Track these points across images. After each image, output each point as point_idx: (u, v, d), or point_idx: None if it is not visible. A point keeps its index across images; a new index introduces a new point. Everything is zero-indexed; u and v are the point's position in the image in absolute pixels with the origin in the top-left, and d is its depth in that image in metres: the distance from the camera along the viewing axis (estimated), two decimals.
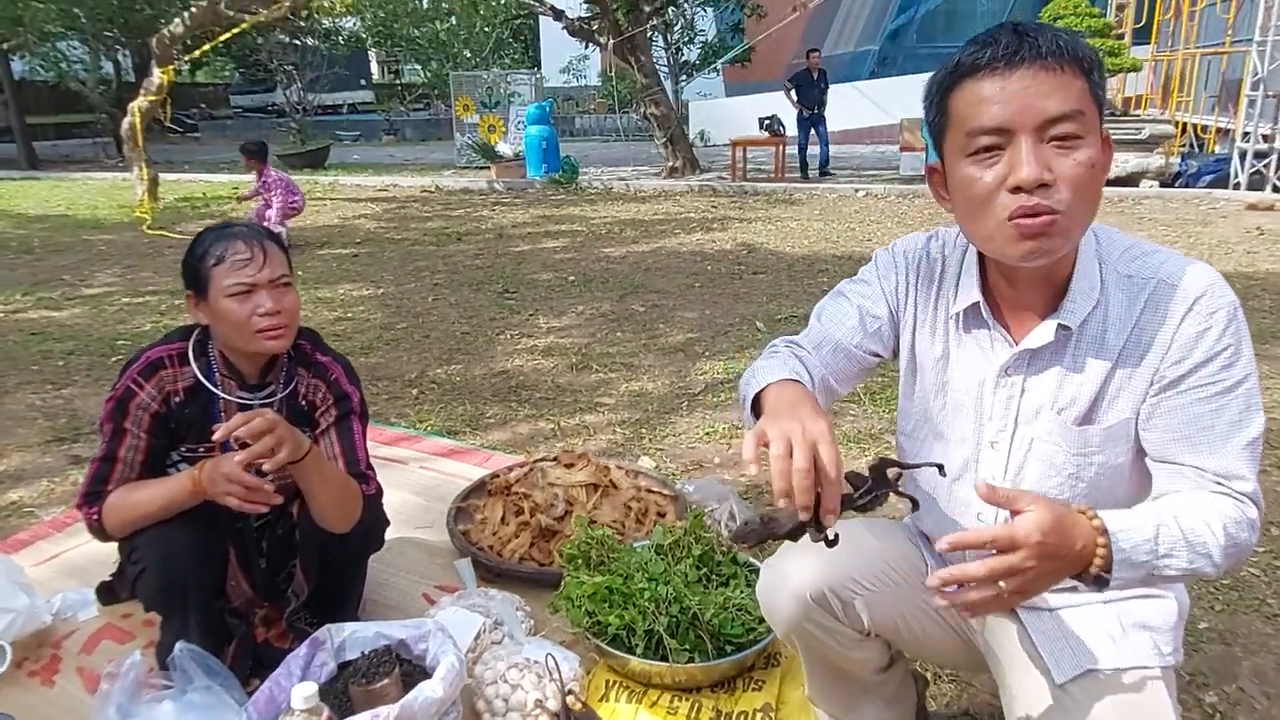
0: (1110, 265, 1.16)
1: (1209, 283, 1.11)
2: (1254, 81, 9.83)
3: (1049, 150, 1.03)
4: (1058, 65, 1.02)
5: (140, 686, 1.71)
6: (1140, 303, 1.13)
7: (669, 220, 8.81)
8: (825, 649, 1.38)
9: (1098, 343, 1.16)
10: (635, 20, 13.13)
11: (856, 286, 1.37)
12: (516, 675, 1.77)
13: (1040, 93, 1.02)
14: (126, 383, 1.76)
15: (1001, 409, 1.24)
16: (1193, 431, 1.11)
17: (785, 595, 1.34)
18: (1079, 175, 1.04)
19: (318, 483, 1.72)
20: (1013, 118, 1.03)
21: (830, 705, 1.53)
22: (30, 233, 8.67)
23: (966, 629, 1.41)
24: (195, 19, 9.38)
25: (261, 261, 1.72)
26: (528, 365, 4.15)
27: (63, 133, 22.99)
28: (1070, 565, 0.99)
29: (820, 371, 1.34)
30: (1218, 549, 1.05)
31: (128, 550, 1.79)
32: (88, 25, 17.01)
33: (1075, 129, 1.03)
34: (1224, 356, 1.09)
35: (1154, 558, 1.02)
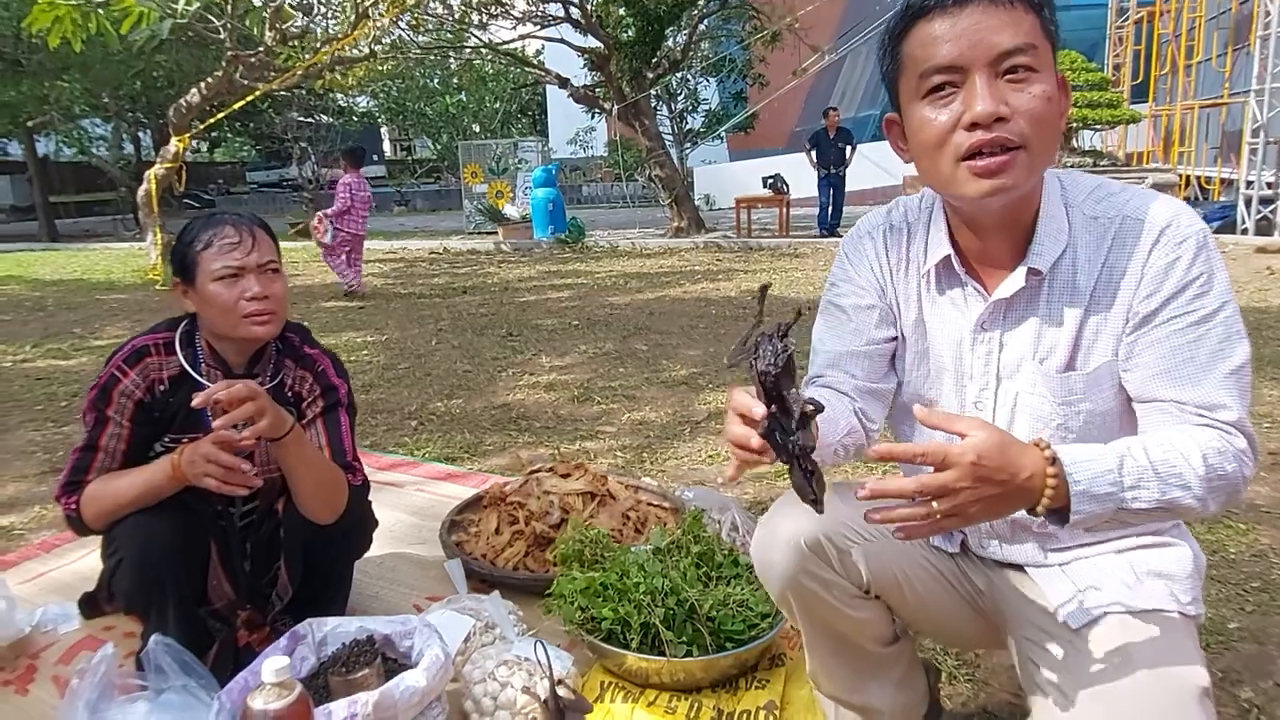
0: (1076, 208, 1.13)
1: (1174, 213, 1.08)
2: (1254, 129, 9.93)
3: (1003, 85, 1.02)
4: (1006, 1, 1.02)
5: (113, 682, 1.63)
6: (1108, 241, 1.10)
7: (674, 273, 8.86)
8: (824, 609, 1.30)
9: (1069, 287, 1.13)
10: (638, 86, 13.46)
11: (837, 289, 1.34)
12: (506, 673, 1.69)
13: (991, 27, 1.01)
14: (111, 370, 1.73)
15: (981, 366, 1.20)
16: (1172, 365, 1.07)
17: (780, 544, 1.27)
18: (1036, 107, 1.02)
19: (300, 464, 1.67)
20: (965, 53, 1.02)
21: (833, 684, 1.43)
22: (45, 294, 8.80)
23: (971, 589, 1.34)
24: (211, 88, 9.66)
25: (250, 245, 1.71)
26: (529, 398, 4.11)
27: (84, 210, 23.61)
28: (1018, 495, 0.95)
29: (852, 383, 1.31)
30: (1196, 479, 0.99)
31: (106, 544, 1.73)
32: (111, 104, 17.58)
33: (1029, 61, 1.02)
34: (1196, 285, 1.06)
35: (1119, 489, 0.97)
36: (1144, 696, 1.01)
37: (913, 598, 1.33)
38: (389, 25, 11.73)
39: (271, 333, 1.75)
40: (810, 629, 1.36)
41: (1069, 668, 1.09)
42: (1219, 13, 12.24)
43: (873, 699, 1.42)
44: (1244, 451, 1.04)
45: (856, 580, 1.28)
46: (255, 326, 1.71)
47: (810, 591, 1.28)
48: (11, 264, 12.27)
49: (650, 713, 1.67)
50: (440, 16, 13.64)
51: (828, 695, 1.47)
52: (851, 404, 1.28)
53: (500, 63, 22.57)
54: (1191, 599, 1.16)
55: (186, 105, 9.80)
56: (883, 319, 1.30)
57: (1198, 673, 1.03)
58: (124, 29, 7.94)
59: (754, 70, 20.39)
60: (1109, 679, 1.04)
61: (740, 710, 1.68)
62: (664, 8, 12.77)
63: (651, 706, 1.69)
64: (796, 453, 0.99)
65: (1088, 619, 1.12)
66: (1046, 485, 0.95)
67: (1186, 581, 1.17)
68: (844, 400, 1.28)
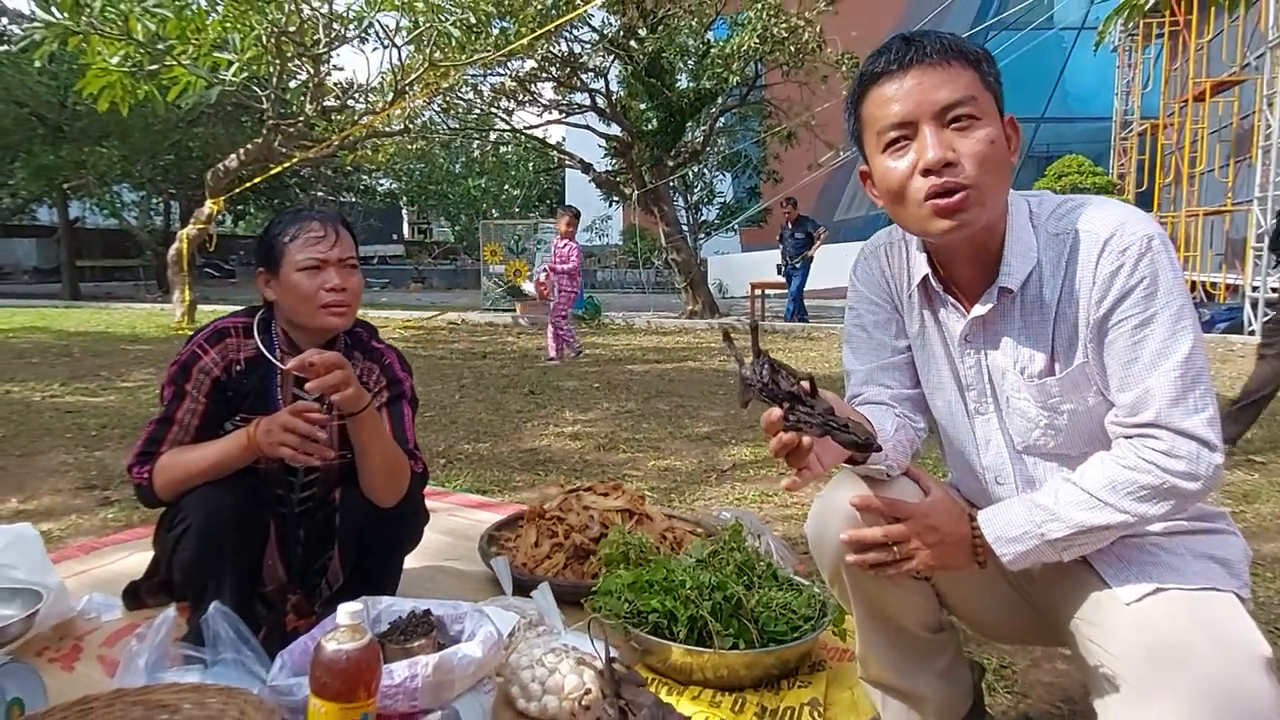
0: (1041, 227, 1.23)
1: (1119, 222, 1.16)
2: (1258, 235, 10.18)
3: (950, 133, 1.14)
4: (944, 61, 1.15)
5: (168, 650, 1.66)
6: (1065, 254, 1.19)
7: (690, 348, 8.99)
8: (875, 588, 1.35)
9: (1037, 301, 1.22)
10: (658, 174, 13.90)
11: (855, 311, 1.45)
12: (554, 659, 1.71)
13: (932, 85, 1.14)
14: (193, 348, 1.82)
15: (974, 376, 1.30)
16: (1120, 366, 1.15)
17: (837, 515, 1.33)
18: (980, 150, 1.14)
19: (373, 441, 1.74)
20: (912, 110, 1.15)
21: (881, 668, 1.45)
22: (70, 343, 8.94)
23: (1023, 577, 1.38)
24: (249, 155, 10.03)
25: (334, 240, 1.81)
26: (555, 445, 4.17)
27: (107, 274, 24.07)
28: (959, 546, 1.21)
29: (888, 393, 1.41)
30: (1103, 499, 1.13)
31: (170, 515, 1.78)
32: (145, 173, 18.17)
33: (970, 111, 1.14)
34: (1140, 289, 1.12)
35: (1034, 527, 1.17)
36: (1209, 665, 1.03)
37: (962, 580, 1.37)
38: (423, 105, 12.24)
39: (345, 324, 1.84)
40: (860, 608, 1.40)
41: (1130, 641, 1.12)
42: (1220, 126, 12.71)
43: (919, 685, 1.45)
44: (1165, 453, 1.10)
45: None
46: (331, 317, 1.80)
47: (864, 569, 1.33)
48: (36, 317, 12.48)
49: (695, 705, 1.68)
50: (470, 102, 14.23)
51: (875, 680, 1.50)
52: (892, 410, 1.38)
53: (523, 149, 23.36)
54: (1243, 583, 1.19)
55: (224, 169, 10.15)
56: (900, 329, 1.42)
57: (1260, 642, 1.06)
58: (171, 96, 8.33)
59: (768, 167, 21.05)
60: (1172, 651, 1.07)
61: (784, 707, 1.69)
62: (685, 101, 13.30)
63: (696, 700, 1.70)
64: (823, 420, 1.07)
65: (1144, 593, 1.15)
66: (975, 539, 1.21)
67: (1238, 566, 1.21)
68: (884, 409, 1.37)
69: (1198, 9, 12.21)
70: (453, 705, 1.50)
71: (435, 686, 1.47)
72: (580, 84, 13.80)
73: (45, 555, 2.03)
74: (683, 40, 12.64)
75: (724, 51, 12.15)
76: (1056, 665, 1.90)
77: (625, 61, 13.07)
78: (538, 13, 10.75)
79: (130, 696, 1.50)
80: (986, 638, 1.64)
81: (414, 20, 8.41)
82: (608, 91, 13.70)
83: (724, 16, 13.13)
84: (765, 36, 11.74)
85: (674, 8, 12.61)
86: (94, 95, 8.09)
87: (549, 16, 10.59)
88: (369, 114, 10.25)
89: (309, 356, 1.58)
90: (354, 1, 8.32)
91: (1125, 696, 1.09)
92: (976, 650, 1.91)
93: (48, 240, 24.23)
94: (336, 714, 1.29)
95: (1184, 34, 12.76)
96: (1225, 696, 1.01)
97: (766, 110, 15.48)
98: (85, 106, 13.59)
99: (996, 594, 1.41)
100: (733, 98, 14.71)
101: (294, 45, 8.40)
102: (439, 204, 28.52)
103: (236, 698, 1.46)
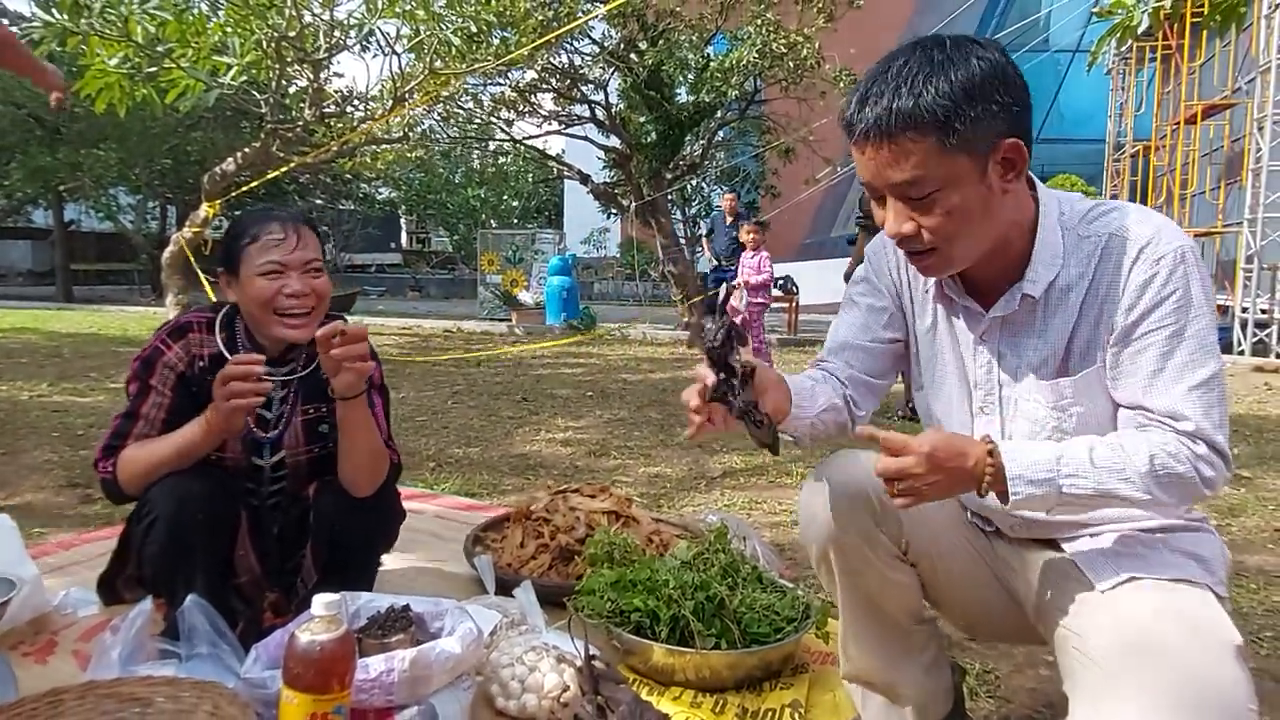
0: (1071, 231, 1.21)
1: (1155, 230, 1.15)
2: (1248, 257, 10.23)
3: (911, 205, 1.13)
4: (889, 141, 1.09)
5: (143, 642, 1.64)
6: (1095, 258, 1.19)
7: (685, 359, 8.98)
8: (863, 566, 1.34)
9: (1061, 302, 1.21)
10: (657, 186, 13.92)
11: (857, 286, 1.47)
12: (534, 658, 1.69)
13: (882, 163, 1.12)
14: (155, 343, 1.81)
15: (984, 375, 1.30)
16: (1145, 375, 1.15)
17: (826, 493, 1.33)
18: (939, 223, 1.13)
19: (360, 427, 1.73)
20: (872, 181, 1.15)
21: (864, 658, 1.44)
22: (60, 344, 8.90)
23: (1005, 569, 1.38)
24: (247, 159, 10.01)
25: (294, 244, 1.75)
26: (546, 450, 4.15)
27: (102, 278, 24.00)
28: (964, 478, 1.12)
29: (847, 371, 1.43)
30: (1138, 474, 1.09)
31: (137, 510, 1.75)
32: (142, 176, 18.14)
33: (924, 190, 1.11)
34: (1173, 300, 1.12)
35: (1056, 475, 1.10)
36: (1181, 652, 1.04)
37: (946, 569, 1.38)
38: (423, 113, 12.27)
39: (304, 337, 1.77)
40: (846, 591, 1.39)
41: (1104, 629, 1.12)
42: (1211, 149, 12.79)
43: (901, 679, 1.44)
44: (1202, 456, 1.11)
45: (896, 538, 1.34)
46: (288, 329, 1.77)
47: (851, 545, 1.33)
48: (27, 318, 12.43)
49: (676, 706, 1.67)
50: (470, 111, 14.26)
51: (857, 675, 1.48)
52: (841, 389, 1.40)
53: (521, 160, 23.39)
54: (1219, 580, 1.20)
55: (221, 173, 10.13)
56: (891, 321, 1.43)
57: (1231, 631, 1.07)
58: (169, 98, 8.33)
59: (766, 181, 21.12)
60: (1144, 636, 1.07)
61: (765, 708, 1.68)
62: (684, 114, 13.34)
63: (677, 701, 1.69)
64: (744, 408, 1.19)
65: (1120, 582, 1.16)
66: (986, 470, 1.12)
67: (1214, 564, 1.22)
68: (832, 383, 1.40)
69: (1190, 34, 12.31)
70: (429, 701, 1.48)
71: (412, 681, 1.45)
72: (580, 95, 13.84)
73: (22, 546, 2.01)
74: (682, 54, 12.69)
75: (723, 66, 12.19)
76: (1039, 671, 1.89)
77: (625, 74, 13.12)
78: (539, 24, 10.80)
79: (102, 689, 1.48)
80: (967, 633, 1.63)
81: (415, 28, 8.42)
82: (607, 103, 13.73)
83: (724, 31, 13.19)
84: (764, 52, 11.80)
85: (674, 22, 12.68)
86: (92, 96, 8.08)
87: (550, 28, 10.63)
88: (368, 120, 10.26)
89: (337, 327, 1.60)
90: (355, 8, 8.34)
91: (1097, 681, 1.08)
92: (959, 655, 1.90)
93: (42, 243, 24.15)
94: (309, 706, 1.27)
95: (1176, 58, 12.86)
96: (1196, 681, 1.01)
97: (765, 125, 15.54)
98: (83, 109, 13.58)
99: (980, 584, 1.41)
100: (732, 112, 14.76)
101: (294, 51, 8.41)
102: (438, 213, 28.54)
103: (210, 691, 1.44)
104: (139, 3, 7.49)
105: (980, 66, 1.08)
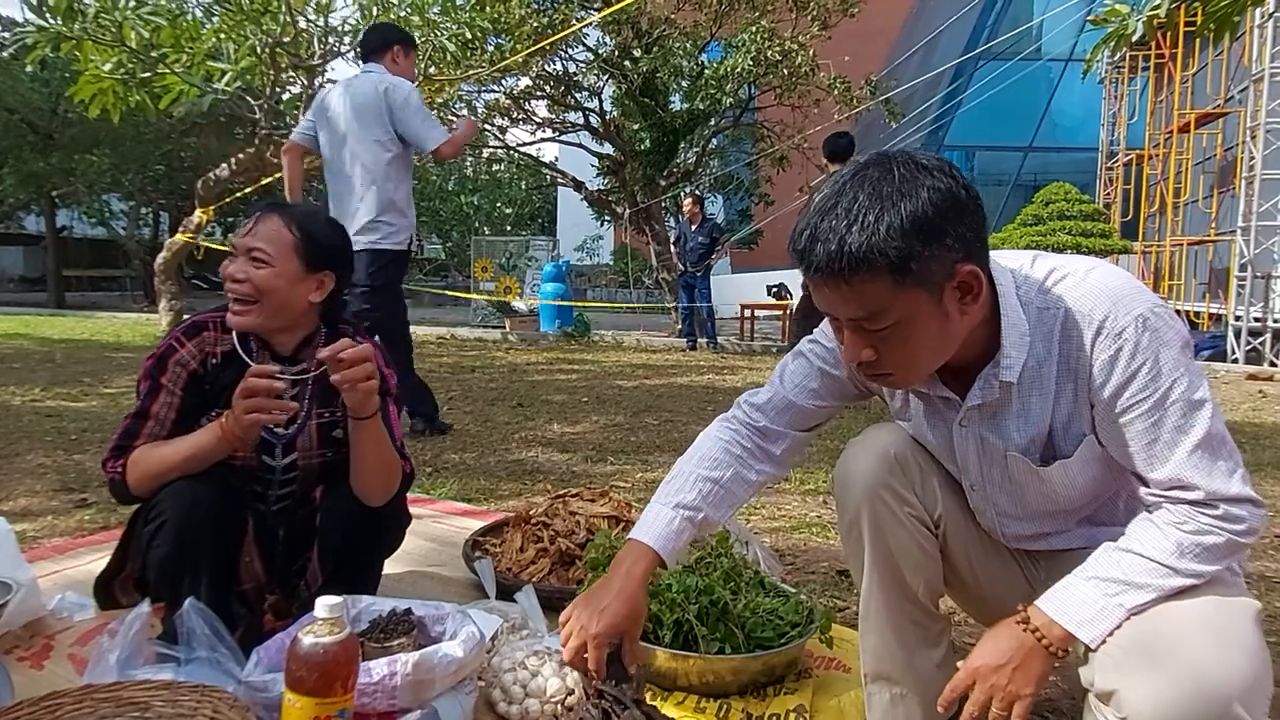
0: (1031, 305, 1.18)
1: (1110, 304, 1.11)
2: (1241, 265, 10.30)
3: (868, 335, 1.11)
4: (843, 281, 1.06)
5: (141, 647, 1.62)
6: (1057, 333, 1.16)
7: (679, 365, 8.98)
8: (894, 527, 1.34)
9: (1034, 381, 1.19)
10: (650, 193, 13.95)
11: (815, 348, 1.43)
12: (536, 662, 1.69)
13: (837, 299, 1.09)
14: (169, 341, 1.79)
15: (974, 456, 1.30)
16: (1138, 449, 1.13)
17: (867, 454, 1.35)
18: (897, 353, 1.11)
19: (372, 443, 1.71)
20: (829, 312, 1.16)
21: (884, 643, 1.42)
22: (53, 349, 8.85)
23: (1025, 560, 1.40)
24: (241, 165, 10.00)
25: (247, 229, 1.75)
26: (542, 456, 4.14)
27: (94, 284, 23.91)
28: (1033, 657, 1.11)
29: (780, 430, 1.44)
30: (1175, 568, 1.09)
31: (145, 511, 1.74)
32: (135, 182, 18.10)
33: (881, 323, 1.08)
34: (1144, 373, 1.09)
35: (1109, 600, 1.09)
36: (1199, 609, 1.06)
37: (973, 547, 1.40)
38: None
39: (243, 324, 1.75)
40: (874, 557, 1.38)
41: None
42: (1205, 158, 12.88)
43: (913, 669, 1.43)
44: (1221, 516, 1.09)
45: (930, 507, 1.36)
46: (229, 314, 1.76)
47: (885, 507, 1.34)
48: (19, 324, 12.36)
49: (679, 711, 1.66)
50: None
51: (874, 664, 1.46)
52: (757, 445, 1.45)
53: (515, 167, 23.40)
54: (1236, 571, 1.20)
55: (215, 179, 10.11)
56: (841, 389, 1.41)
57: (1249, 600, 1.09)
58: (163, 104, 8.30)
59: (760, 189, 21.18)
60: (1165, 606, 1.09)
61: (770, 714, 1.66)
62: (679, 122, 13.38)
63: (680, 706, 1.67)
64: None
65: None
66: (1040, 639, 1.12)
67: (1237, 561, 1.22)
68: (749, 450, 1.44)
69: (1183, 42, 12.41)
70: (432, 705, 1.46)
71: (415, 685, 1.44)
72: (574, 102, 13.88)
73: (18, 550, 1.99)
74: (677, 61, 12.72)
75: (718, 73, 12.24)
76: None
77: (619, 81, 13.16)
78: (533, 30, 10.82)
79: (100, 693, 1.46)
80: (982, 620, 1.62)
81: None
82: (601, 110, 13.78)
83: (718, 39, 13.24)
84: (759, 59, 11.85)
85: (669, 29, 12.72)
86: (85, 102, 8.06)
87: (544, 34, 10.65)
88: None
89: (340, 349, 1.58)
90: (349, 14, 8.34)
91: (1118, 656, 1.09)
92: None
93: (34, 249, 24.07)
94: (312, 709, 1.26)
95: (1169, 67, 12.95)
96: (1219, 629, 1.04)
97: (759, 133, 15.59)
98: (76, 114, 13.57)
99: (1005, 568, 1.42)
100: (726, 120, 14.82)
101: (288, 56, 8.40)
102: (430, 220, 28.50)
103: (210, 695, 1.43)
104: (133, 8, 7.47)
105: (931, 199, 1.04)
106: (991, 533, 1.38)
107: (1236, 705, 0.98)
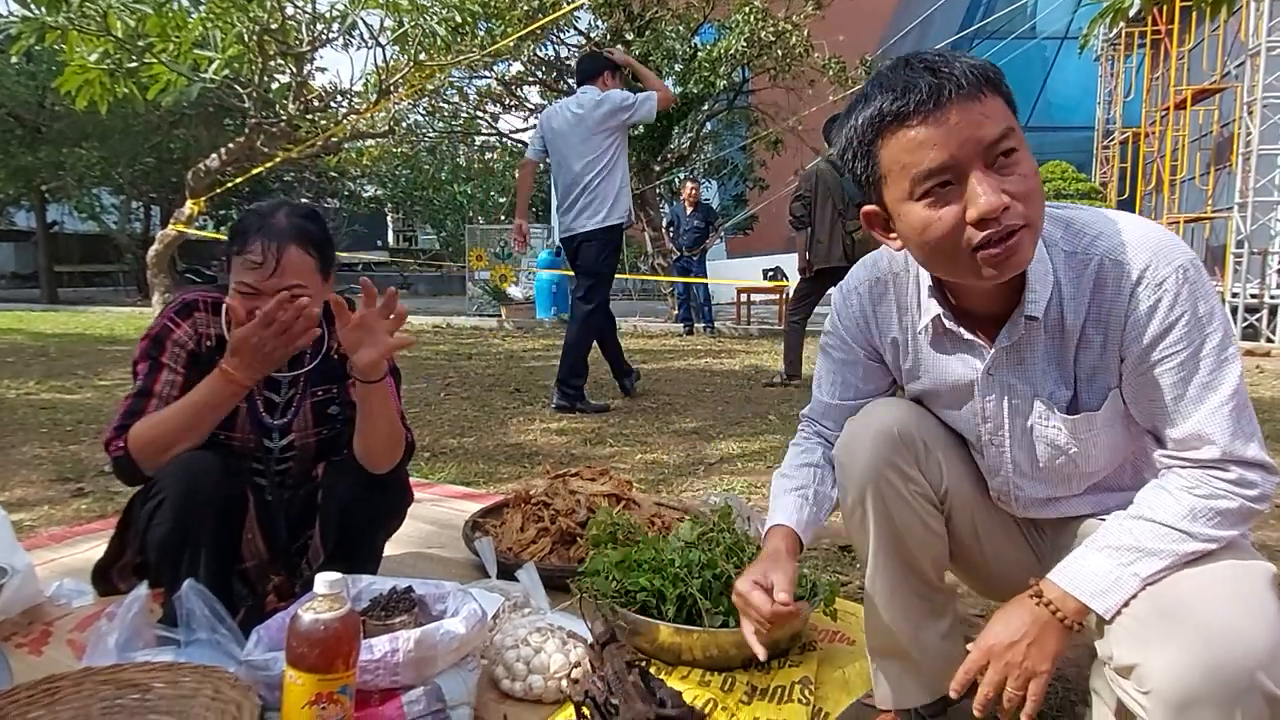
0: (1055, 246, 1.16)
1: (1151, 253, 1.10)
2: (1238, 241, 10.28)
3: (996, 175, 1.04)
4: (979, 94, 1.03)
5: (140, 630, 1.61)
6: (1089, 281, 1.14)
7: (676, 350, 8.97)
8: (899, 505, 1.33)
9: (1058, 327, 1.18)
10: (645, 178, 13.89)
11: (829, 338, 1.44)
12: (539, 639, 1.67)
13: (973, 123, 1.02)
14: (163, 321, 1.76)
15: (995, 408, 1.27)
16: (1165, 402, 1.12)
17: (871, 432, 1.33)
18: (1026, 186, 1.05)
19: (380, 407, 1.70)
20: (955, 154, 1.03)
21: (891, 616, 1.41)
22: (47, 343, 8.80)
23: (1030, 529, 1.38)
24: (231, 154, 9.95)
25: (270, 270, 1.64)
26: (541, 440, 4.12)
27: (87, 279, 23.78)
28: (1048, 632, 1.10)
29: (829, 436, 1.48)
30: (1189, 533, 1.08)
31: (144, 490, 1.71)
32: (125, 175, 17.97)
33: (1012, 143, 1.04)
34: (1182, 324, 1.08)
35: (1123, 569, 1.09)
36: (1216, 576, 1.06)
37: (980, 520, 1.38)
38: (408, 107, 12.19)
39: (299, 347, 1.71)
40: (879, 535, 1.36)
41: None
42: (1201, 134, 12.84)
43: (921, 640, 1.42)
44: (1235, 480, 1.09)
45: (935, 483, 1.34)
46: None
47: (890, 485, 1.32)
48: (13, 320, 12.30)
49: (684, 685, 1.64)
50: (456, 106, 14.20)
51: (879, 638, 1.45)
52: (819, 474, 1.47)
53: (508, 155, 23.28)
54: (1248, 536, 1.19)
55: (205, 169, 10.06)
56: (868, 374, 1.42)
57: (1265, 564, 1.08)
58: (151, 94, 8.23)
59: (754, 174, 21.11)
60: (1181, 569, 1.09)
61: (774, 686, 1.65)
62: (673, 107, 13.30)
63: (685, 680, 1.66)
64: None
65: None
66: (1054, 612, 1.11)
67: None
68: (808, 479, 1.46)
69: (1179, 18, 12.35)
70: (435, 681, 1.45)
71: (417, 662, 1.42)
72: (567, 88, 13.78)
73: (13, 536, 1.97)
74: (670, 44, 12.64)
75: (711, 56, 12.16)
76: None
77: None
78: (524, 14, 10.73)
79: (99, 675, 1.45)
80: (988, 595, 1.61)
81: (398, 20, 8.36)
82: None
83: (711, 21, 13.15)
84: (752, 41, 11.78)
85: (661, 11, 12.63)
86: (72, 93, 7.97)
87: (535, 18, 10.57)
88: (353, 114, 10.18)
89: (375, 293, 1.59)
90: (338, 1, 8.26)
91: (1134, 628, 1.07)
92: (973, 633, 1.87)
93: (25, 245, 23.93)
94: (314, 686, 1.24)
95: (1165, 43, 12.89)
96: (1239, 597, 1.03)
97: (753, 116, 15.52)
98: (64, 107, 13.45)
99: (1010, 541, 1.41)
100: (720, 103, 14.74)
101: (277, 44, 8.33)
102: (424, 210, 28.38)
103: (211, 675, 1.42)
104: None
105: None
106: (1002, 498, 1.36)
107: (1260, 674, 0.96)
